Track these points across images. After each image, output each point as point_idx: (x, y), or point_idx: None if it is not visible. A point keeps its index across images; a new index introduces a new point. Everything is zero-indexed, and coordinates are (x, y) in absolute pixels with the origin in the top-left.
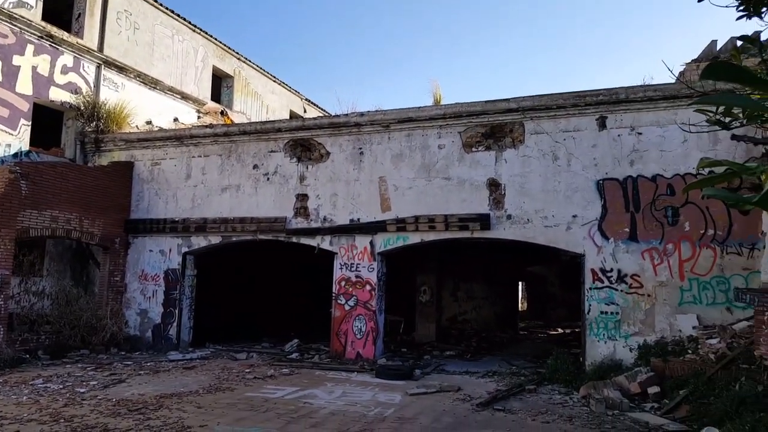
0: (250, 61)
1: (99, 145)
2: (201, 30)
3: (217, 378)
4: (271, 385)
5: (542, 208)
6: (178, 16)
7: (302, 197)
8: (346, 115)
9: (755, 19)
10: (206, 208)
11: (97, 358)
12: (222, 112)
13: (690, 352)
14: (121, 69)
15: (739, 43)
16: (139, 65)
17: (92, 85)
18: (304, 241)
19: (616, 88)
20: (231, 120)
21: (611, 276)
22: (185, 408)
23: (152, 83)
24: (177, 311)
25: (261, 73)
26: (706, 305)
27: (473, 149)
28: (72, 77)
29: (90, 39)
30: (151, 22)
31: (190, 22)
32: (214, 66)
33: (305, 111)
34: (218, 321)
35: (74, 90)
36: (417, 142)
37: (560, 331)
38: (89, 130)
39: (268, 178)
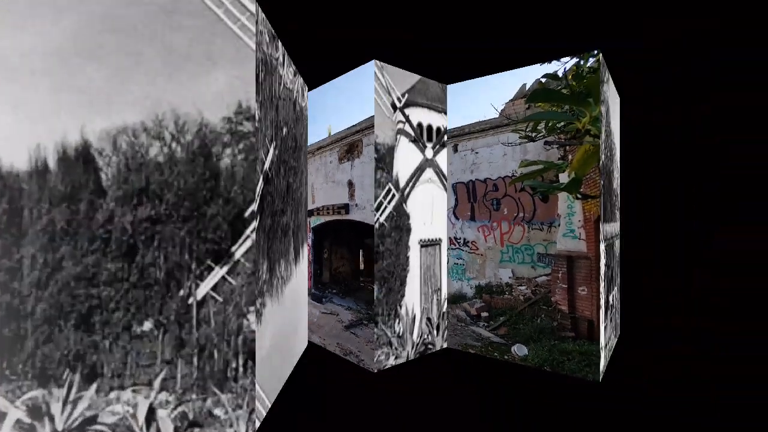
0: None
1: None
2: None
3: None
4: None
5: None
6: None
7: None
8: None
9: (554, 62)
10: None
11: None
12: None
13: (507, 293)
14: None
15: (543, 80)
16: None
17: None
18: None
19: (464, 125)
20: None
21: (460, 242)
22: None
23: None
24: None
25: None
26: (518, 263)
27: (342, 161)
28: None
29: None
30: None
31: None
32: None
33: None
34: None
35: None
36: (324, 160)
37: None
38: None
39: None
